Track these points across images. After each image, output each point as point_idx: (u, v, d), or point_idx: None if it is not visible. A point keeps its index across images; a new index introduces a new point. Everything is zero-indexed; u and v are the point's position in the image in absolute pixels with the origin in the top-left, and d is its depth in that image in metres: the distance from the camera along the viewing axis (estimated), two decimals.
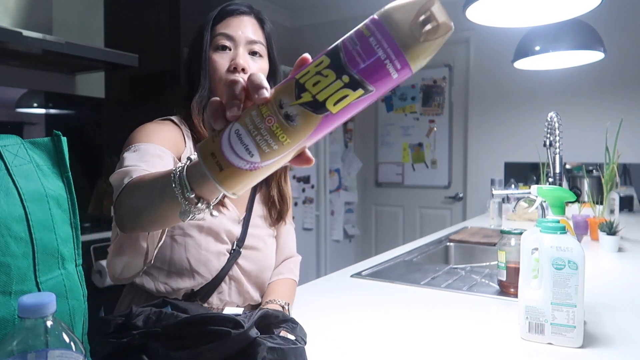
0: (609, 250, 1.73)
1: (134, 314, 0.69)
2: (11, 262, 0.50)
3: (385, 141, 4.20)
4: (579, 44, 2.06)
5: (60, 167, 0.57)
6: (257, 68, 1.01)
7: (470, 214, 3.66)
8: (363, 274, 1.40)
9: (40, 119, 2.57)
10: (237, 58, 0.98)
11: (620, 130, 1.93)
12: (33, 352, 0.43)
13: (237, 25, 1.00)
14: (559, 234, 0.84)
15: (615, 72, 3.25)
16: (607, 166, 1.98)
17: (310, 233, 3.69)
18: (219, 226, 0.97)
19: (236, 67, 0.97)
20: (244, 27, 1.00)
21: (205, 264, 0.96)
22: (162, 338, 0.64)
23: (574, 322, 0.83)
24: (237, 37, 0.99)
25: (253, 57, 1.01)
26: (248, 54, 1.00)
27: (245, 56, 0.99)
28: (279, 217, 1.09)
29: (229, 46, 1.00)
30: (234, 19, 1.01)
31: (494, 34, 3.41)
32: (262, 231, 1.06)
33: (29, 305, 0.43)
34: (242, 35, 1.00)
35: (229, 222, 0.99)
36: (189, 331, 0.64)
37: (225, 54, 1.00)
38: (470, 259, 1.92)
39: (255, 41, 1.01)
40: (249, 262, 1.02)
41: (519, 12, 1.50)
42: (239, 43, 0.99)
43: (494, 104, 3.71)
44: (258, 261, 1.04)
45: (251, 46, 1.00)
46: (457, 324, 0.99)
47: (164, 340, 0.64)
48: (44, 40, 1.98)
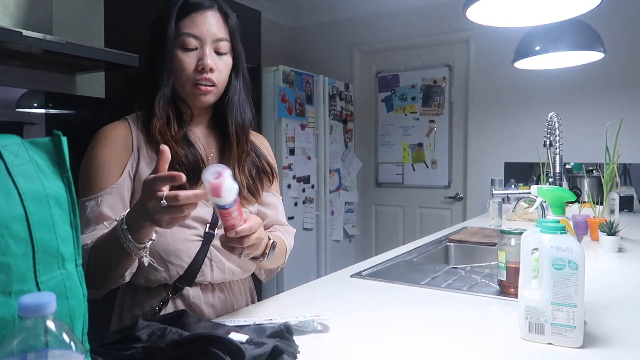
0: (609, 250, 1.73)
1: (139, 327, 0.70)
2: (11, 262, 0.50)
3: (385, 141, 4.20)
4: (579, 44, 2.06)
5: (61, 167, 0.57)
6: (223, 64, 1.03)
7: (470, 214, 3.66)
8: (363, 274, 1.40)
9: (40, 119, 2.57)
10: (204, 58, 0.99)
11: (620, 130, 1.93)
12: (33, 352, 0.43)
13: (202, 23, 1.00)
14: (559, 234, 0.84)
15: (615, 72, 3.25)
16: (607, 166, 1.98)
17: (310, 233, 3.69)
18: None
19: (204, 67, 0.99)
20: (209, 24, 1.01)
21: (176, 253, 0.99)
22: (165, 354, 0.64)
23: (574, 322, 0.83)
24: (203, 36, 1.00)
25: (218, 55, 1.02)
26: (214, 52, 1.02)
27: (212, 55, 1.01)
28: (251, 194, 1.09)
29: (195, 46, 1.00)
30: (199, 15, 1.00)
31: (494, 34, 3.41)
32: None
33: (29, 305, 0.43)
34: (208, 34, 1.00)
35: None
36: (191, 350, 0.64)
37: (192, 53, 1.00)
38: (470, 259, 1.92)
39: (220, 39, 1.02)
40: None
41: (519, 12, 1.49)
42: (205, 42, 1.00)
43: (494, 104, 3.71)
44: None
45: (217, 44, 1.02)
46: (457, 324, 0.99)
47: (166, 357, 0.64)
48: (44, 40, 1.98)
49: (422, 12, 3.89)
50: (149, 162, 1.01)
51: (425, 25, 3.89)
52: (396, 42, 4.05)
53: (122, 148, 1.01)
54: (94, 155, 1.00)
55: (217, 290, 1.07)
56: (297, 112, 3.47)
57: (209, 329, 0.79)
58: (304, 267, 3.60)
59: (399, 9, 3.95)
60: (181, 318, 0.78)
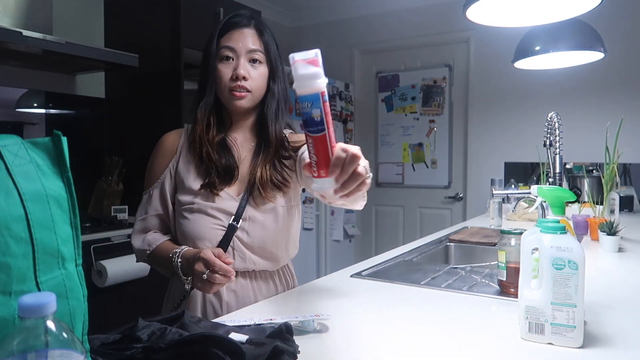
0: (609, 250, 1.73)
1: (139, 327, 0.70)
2: (11, 262, 0.50)
3: (385, 141, 4.20)
4: (579, 44, 2.06)
5: (61, 167, 0.57)
6: (257, 74, 1.17)
7: (470, 214, 3.66)
8: (363, 274, 1.40)
9: (40, 119, 2.57)
10: (238, 68, 1.14)
11: (620, 130, 1.93)
12: (33, 352, 0.43)
13: (238, 38, 1.16)
14: (559, 234, 0.84)
15: (615, 72, 3.25)
16: (607, 166, 1.98)
17: (311, 233, 3.69)
18: (206, 206, 1.15)
19: (237, 76, 1.13)
20: (244, 39, 1.16)
21: (202, 237, 1.15)
22: (165, 354, 0.64)
23: (574, 322, 0.83)
24: (238, 49, 1.15)
25: (253, 65, 1.16)
26: (248, 62, 1.16)
27: (246, 65, 1.15)
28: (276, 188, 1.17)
29: (231, 57, 1.15)
30: (236, 32, 1.16)
31: (494, 34, 3.41)
32: (265, 205, 1.17)
33: (29, 305, 0.43)
34: (243, 47, 1.15)
35: (220, 201, 1.15)
36: (191, 350, 0.64)
37: (229, 64, 1.15)
38: (470, 259, 1.92)
39: (254, 50, 1.16)
40: (247, 235, 1.15)
41: (519, 12, 1.49)
42: (240, 54, 1.15)
43: (494, 104, 3.71)
44: (258, 234, 1.16)
45: (251, 55, 1.16)
46: (457, 324, 0.99)
47: (166, 357, 0.64)
48: (44, 40, 1.98)
49: (422, 12, 3.89)
50: (185, 163, 1.19)
51: (425, 25, 3.89)
52: (396, 42, 4.05)
53: (169, 151, 1.22)
54: (150, 160, 1.24)
55: (240, 277, 1.16)
56: (297, 112, 3.47)
57: (209, 329, 0.79)
58: (304, 267, 3.60)
59: (399, 8, 3.95)
60: (181, 318, 0.78)
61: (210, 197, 1.15)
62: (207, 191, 1.15)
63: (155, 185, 1.20)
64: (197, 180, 1.16)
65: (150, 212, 1.21)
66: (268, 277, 1.21)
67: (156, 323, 0.74)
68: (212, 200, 1.15)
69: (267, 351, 0.69)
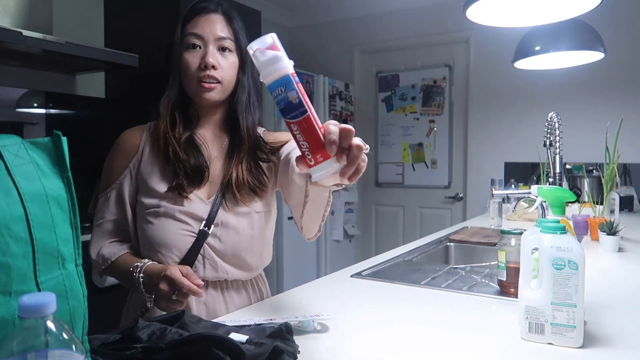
0: (609, 250, 1.73)
1: (139, 327, 0.70)
2: (11, 262, 0.50)
3: (385, 141, 4.20)
4: (579, 44, 2.06)
5: (61, 167, 0.57)
6: (227, 63, 1.06)
7: (470, 214, 3.66)
8: (363, 274, 1.40)
9: (40, 119, 2.57)
10: (207, 56, 1.03)
11: (620, 130, 1.93)
12: (33, 352, 0.43)
13: (205, 24, 1.05)
14: (559, 234, 0.84)
15: (615, 72, 3.25)
16: (607, 166, 1.98)
17: None
18: (174, 209, 1.04)
19: (206, 64, 1.03)
20: (212, 25, 1.05)
21: (165, 244, 1.04)
22: (165, 354, 0.64)
23: (574, 322, 0.83)
24: (206, 36, 1.04)
25: (223, 53, 1.06)
26: (217, 51, 1.05)
27: (215, 54, 1.04)
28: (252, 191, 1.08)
29: (198, 44, 1.05)
30: (202, 17, 1.06)
31: (494, 34, 3.41)
32: (240, 209, 1.07)
33: (29, 305, 0.43)
34: (211, 34, 1.04)
35: (190, 205, 1.05)
36: (191, 350, 0.64)
37: (196, 52, 1.05)
38: (470, 259, 1.92)
39: (223, 37, 1.05)
40: (220, 242, 1.06)
41: (519, 12, 1.49)
42: (208, 41, 1.04)
43: (494, 104, 3.71)
44: (231, 241, 1.06)
45: (220, 43, 1.05)
46: (457, 324, 0.99)
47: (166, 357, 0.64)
48: (44, 40, 1.98)
49: (422, 12, 3.89)
50: (148, 163, 1.08)
51: (425, 25, 3.89)
52: (396, 42, 4.05)
53: (130, 150, 1.10)
54: (107, 159, 1.13)
55: (211, 287, 1.08)
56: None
57: (209, 329, 0.79)
58: (304, 267, 3.60)
59: (399, 9, 3.95)
60: (181, 318, 0.78)
61: (178, 200, 1.04)
62: (175, 194, 1.04)
63: (113, 187, 1.09)
64: (163, 182, 1.05)
65: (107, 217, 1.09)
66: (240, 286, 1.12)
67: (156, 323, 0.74)
68: (181, 203, 1.04)
69: (267, 351, 0.69)
